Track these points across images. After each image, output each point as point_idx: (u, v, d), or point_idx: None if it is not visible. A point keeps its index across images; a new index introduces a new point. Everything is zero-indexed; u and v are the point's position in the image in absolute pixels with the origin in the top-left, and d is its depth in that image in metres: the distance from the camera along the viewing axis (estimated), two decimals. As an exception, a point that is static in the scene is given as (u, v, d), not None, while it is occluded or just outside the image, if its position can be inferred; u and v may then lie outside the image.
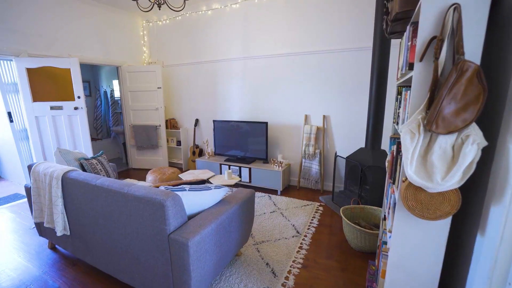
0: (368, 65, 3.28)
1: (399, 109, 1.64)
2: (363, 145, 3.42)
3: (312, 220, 2.92)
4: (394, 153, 1.46)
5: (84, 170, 2.31)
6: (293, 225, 2.78)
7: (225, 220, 1.70)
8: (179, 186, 1.71)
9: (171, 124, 4.93)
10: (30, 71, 3.36)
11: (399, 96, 1.66)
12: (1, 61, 3.28)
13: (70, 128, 3.60)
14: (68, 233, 2.01)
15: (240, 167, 3.91)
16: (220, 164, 4.07)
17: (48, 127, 3.52)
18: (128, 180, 2.87)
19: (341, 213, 2.50)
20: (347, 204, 3.07)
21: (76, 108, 3.56)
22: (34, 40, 3.48)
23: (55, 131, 3.56)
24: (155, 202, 1.44)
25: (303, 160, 3.84)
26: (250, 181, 3.89)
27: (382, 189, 2.84)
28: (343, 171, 3.66)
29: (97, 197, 1.73)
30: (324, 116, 3.67)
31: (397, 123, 1.66)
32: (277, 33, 3.79)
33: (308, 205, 3.30)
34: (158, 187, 1.80)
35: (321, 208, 3.23)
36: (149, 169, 4.95)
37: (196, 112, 4.81)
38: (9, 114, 3.46)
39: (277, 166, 3.74)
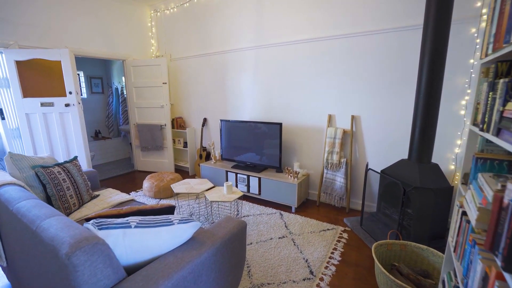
0: (415, 49, 2.48)
1: (488, 104, 0.92)
2: (405, 156, 2.63)
3: (332, 253, 2.22)
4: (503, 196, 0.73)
5: (41, 181, 1.86)
6: (306, 261, 2.11)
7: (187, 276, 1.10)
8: (123, 220, 1.15)
9: (178, 124, 4.46)
10: (19, 64, 3.06)
11: (493, 81, 0.93)
12: (-11, 53, 3.02)
13: (62, 126, 3.27)
14: (5, 264, 1.55)
15: (248, 176, 3.30)
16: (227, 172, 3.50)
17: (39, 125, 3.21)
18: (107, 191, 2.40)
19: (374, 253, 1.78)
20: (380, 232, 2.32)
21: (67, 105, 3.21)
22: (25, 30, 3.18)
23: (47, 130, 3.25)
24: (58, 256, 0.88)
25: (325, 170, 3.12)
26: (259, 193, 3.26)
27: (434, 221, 2.06)
28: (375, 186, 2.88)
29: (15, 226, 1.23)
30: (352, 117, 2.92)
31: (487, 128, 0.93)
32: (296, 15, 3.11)
33: (328, 229, 2.59)
34: (95, 217, 1.25)
35: (345, 235, 2.50)
36: (155, 172, 4.53)
37: (204, 110, 4.29)
38: (0, 111, 3.20)
39: (292, 177, 3.07)
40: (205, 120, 4.27)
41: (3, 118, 3.23)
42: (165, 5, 4.29)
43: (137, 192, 3.61)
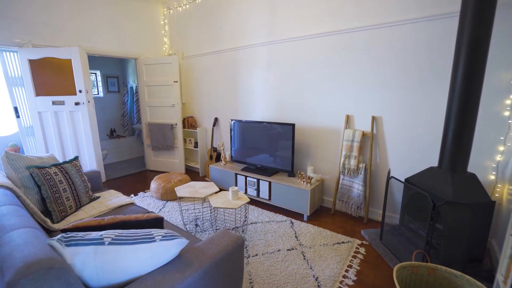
0: (449, 41, 2.16)
1: None
2: (434, 164, 2.31)
3: (346, 271, 1.97)
4: None
5: (36, 182, 1.78)
6: (316, 279, 1.88)
7: (166, 306, 0.93)
8: (97, 235, 1.00)
9: (189, 123, 4.36)
10: (32, 63, 3.08)
11: None
12: (6, 53, 3.06)
13: (72, 125, 3.26)
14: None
15: (258, 180, 3.11)
16: (236, 174, 3.32)
17: (51, 123, 3.22)
18: (109, 193, 2.31)
19: (395, 276, 1.52)
20: (403, 249, 2.04)
21: (77, 104, 3.19)
22: (39, 29, 3.20)
23: (58, 128, 3.25)
24: (3, 281, 0.73)
25: (341, 176, 2.85)
26: (269, 198, 3.06)
27: (470, 241, 1.76)
28: (398, 196, 2.58)
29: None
30: (373, 118, 2.64)
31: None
32: (312, 5, 2.86)
33: (343, 242, 2.33)
34: (72, 229, 1.12)
35: (362, 250, 2.24)
36: (166, 172, 4.47)
37: (215, 109, 4.15)
38: (15, 109, 3.25)
39: (304, 183, 2.83)
40: (216, 119, 4.13)
41: (18, 116, 3.28)
42: (178, 1, 4.20)
43: (145, 192, 3.54)
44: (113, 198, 2.19)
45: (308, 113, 3.11)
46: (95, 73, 5.46)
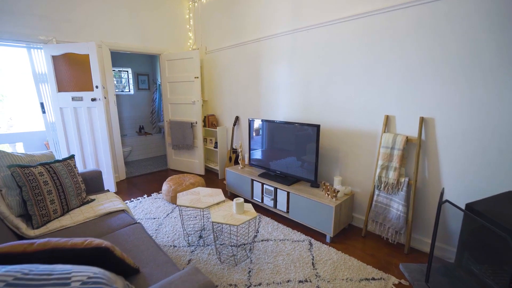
0: (544, 11, 1.50)
1: None
2: (513, 185, 1.66)
3: (375, 324, 1.47)
4: None
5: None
6: (332, 331, 1.42)
7: None
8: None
9: (210, 122, 4.12)
10: (55, 59, 3.10)
11: None
12: (33, 50, 3.13)
13: (89, 121, 3.22)
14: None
15: (275, 189, 2.70)
16: (252, 180, 2.96)
17: (71, 119, 3.23)
18: (105, 196, 2.12)
19: None
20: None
21: (93, 100, 3.14)
22: (62, 26, 3.21)
23: (77, 124, 3.25)
24: None
25: (376, 191, 2.30)
26: (287, 211, 2.63)
27: None
28: (455, 223, 1.95)
29: None
30: (422, 120, 2.04)
31: None
32: (346, -18, 2.36)
33: (374, 279, 1.81)
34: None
35: (400, 293, 1.70)
36: (185, 172, 4.31)
37: (236, 107, 3.83)
38: (42, 104, 3.32)
39: (329, 196, 2.35)
40: (237, 118, 3.81)
41: (43, 112, 3.35)
42: (202, -7, 3.98)
43: (159, 194, 3.37)
44: (106, 203, 2.00)
45: (337, 112, 2.60)
46: (127, 71, 5.57)
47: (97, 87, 3.12)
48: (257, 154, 3.13)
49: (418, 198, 2.15)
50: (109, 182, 3.37)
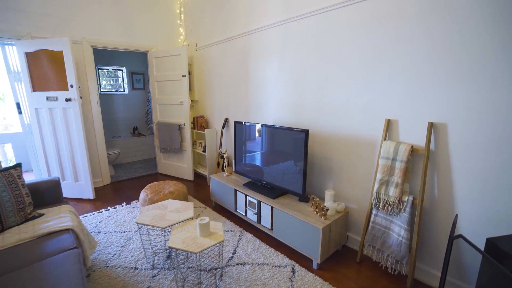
0: None
1: None
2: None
3: None
4: None
5: None
6: None
7: None
8: None
9: (199, 124, 3.83)
10: (28, 56, 2.90)
11: None
12: (7, 47, 2.94)
13: (65, 123, 3.00)
14: None
15: (259, 202, 2.37)
16: (236, 191, 2.63)
17: (46, 121, 3.02)
18: (58, 210, 1.86)
19: None
20: None
21: (68, 100, 2.91)
22: (40, 20, 3.01)
23: (52, 126, 3.03)
24: None
25: (374, 211, 1.92)
26: (271, 228, 2.29)
27: None
28: (470, 259, 1.56)
29: None
30: (431, 125, 1.65)
31: None
32: (340, -39, 1.99)
33: (365, 325, 1.45)
34: None
35: None
36: (174, 177, 4.05)
37: (226, 108, 3.52)
38: (18, 105, 3.14)
39: (317, 214, 1.99)
40: (226, 120, 3.50)
41: (20, 113, 3.17)
42: (191, -15, 3.69)
43: (138, 202, 3.11)
44: (53, 220, 1.73)
45: (331, 114, 2.24)
46: (121, 70, 5.37)
47: (72, 86, 2.89)
48: (243, 161, 2.80)
49: (424, 221, 1.76)
50: (86, 189, 3.14)
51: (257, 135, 2.60)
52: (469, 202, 1.56)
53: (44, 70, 2.95)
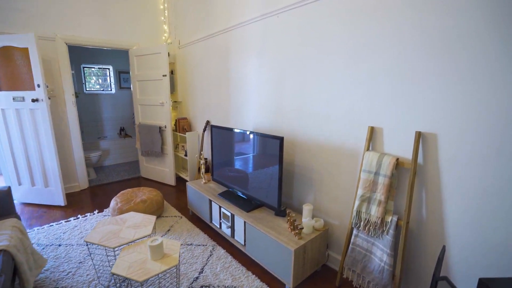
0: None
1: None
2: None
3: None
4: None
5: None
6: None
7: None
8: None
9: (181, 126, 3.62)
10: (-6, 53, 2.71)
11: None
12: (-27, 43, 2.77)
13: (33, 124, 2.81)
14: None
15: (233, 215, 2.15)
16: (210, 201, 2.42)
17: (13, 122, 2.84)
18: (2, 225, 1.67)
19: None
20: None
21: (34, 100, 2.72)
22: (10, 15, 2.83)
23: (20, 128, 2.85)
24: None
25: (355, 231, 1.69)
26: (244, 244, 2.07)
27: None
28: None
29: None
30: (419, 135, 1.42)
31: None
32: None
33: None
34: None
35: None
36: (157, 182, 3.85)
37: (209, 109, 3.30)
38: (-15, 105, 2.95)
39: (292, 232, 1.77)
40: (207, 123, 3.28)
41: (-12, 114, 2.98)
42: (173, -22, 3.48)
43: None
44: (-12, 237, 1.53)
45: (311, 119, 2.01)
46: (108, 69, 5.19)
47: (39, 86, 2.70)
48: (220, 168, 2.59)
49: (410, 246, 1.53)
50: (56, 195, 2.96)
51: (234, 141, 2.38)
52: (461, 225, 1.32)
53: (11, 68, 2.76)
